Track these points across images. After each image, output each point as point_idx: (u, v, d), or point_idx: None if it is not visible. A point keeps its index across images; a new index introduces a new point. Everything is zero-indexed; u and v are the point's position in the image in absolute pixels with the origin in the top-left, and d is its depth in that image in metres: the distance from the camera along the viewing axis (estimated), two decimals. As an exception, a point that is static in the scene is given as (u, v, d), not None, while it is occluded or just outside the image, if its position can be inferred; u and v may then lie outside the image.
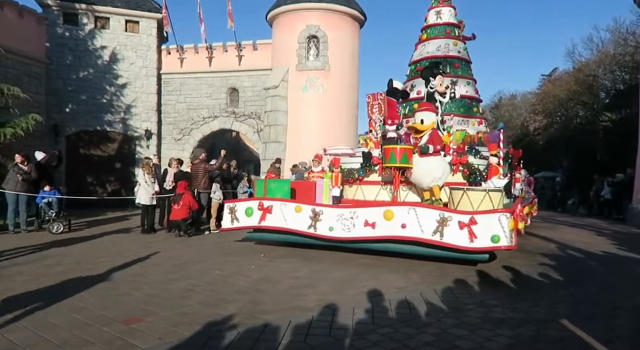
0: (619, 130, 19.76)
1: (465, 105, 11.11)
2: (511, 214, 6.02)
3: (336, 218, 7.05)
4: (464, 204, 6.55)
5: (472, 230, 5.94)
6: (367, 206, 7.15)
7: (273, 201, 7.64)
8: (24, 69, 16.43)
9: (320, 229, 7.15)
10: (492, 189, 6.69)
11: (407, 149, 7.43)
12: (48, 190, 10.23)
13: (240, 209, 7.89)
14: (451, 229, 6.08)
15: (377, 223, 6.65)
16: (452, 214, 6.19)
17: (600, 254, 8.03)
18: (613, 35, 23.89)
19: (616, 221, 14.12)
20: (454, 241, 6.05)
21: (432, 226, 6.22)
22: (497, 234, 5.84)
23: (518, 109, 35.11)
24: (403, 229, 6.43)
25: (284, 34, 18.11)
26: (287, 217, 7.43)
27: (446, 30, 11.60)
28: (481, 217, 5.97)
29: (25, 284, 5.33)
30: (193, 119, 19.65)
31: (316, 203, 7.56)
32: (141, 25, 19.01)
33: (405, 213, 6.46)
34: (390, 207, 6.70)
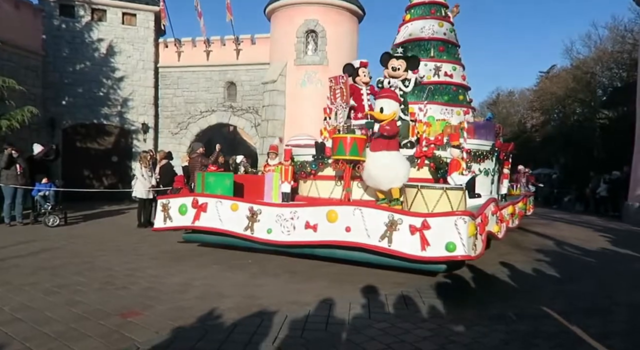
0: (616, 127, 19.81)
1: (449, 93, 10.05)
2: (471, 217, 5.13)
3: (275, 218, 6.16)
4: (417, 204, 5.56)
5: (425, 236, 5.09)
6: (309, 205, 6.24)
7: (208, 198, 6.75)
8: (21, 61, 16.30)
9: (257, 231, 6.27)
10: (450, 187, 5.64)
11: (358, 138, 6.39)
12: (44, 183, 10.19)
13: (173, 206, 7.01)
14: (401, 233, 5.24)
15: (320, 225, 5.76)
16: (402, 216, 5.29)
17: (596, 250, 8.07)
18: (611, 32, 23.93)
19: (612, 218, 14.19)
20: (404, 248, 5.19)
21: (379, 230, 5.36)
22: (452, 241, 4.97)
23: (516, 106, 35.16)
24: (347, 233, 5.54)
25: (283, 28, 18.02)
26: (223, 216, 6.56)
27: (431, 9, 10.51)
28: (435, 220, 5.11)
29: (21, 277, 5.31)
30: (190, 113, 19.58)
31: (255, 201, 6.63)
32: (138, 18, 18.87)
33: (350, 214, 5.57)
34: (334, 206, 5.79)
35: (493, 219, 6.49)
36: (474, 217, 5.23)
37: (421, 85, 9.61)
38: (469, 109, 10.37)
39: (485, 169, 8.45)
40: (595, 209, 16.58)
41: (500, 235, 6.88)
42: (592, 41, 25.31)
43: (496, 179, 9.00)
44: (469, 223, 5.05)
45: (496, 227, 6.61)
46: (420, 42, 10.18)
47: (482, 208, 5.95)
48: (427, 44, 10.16)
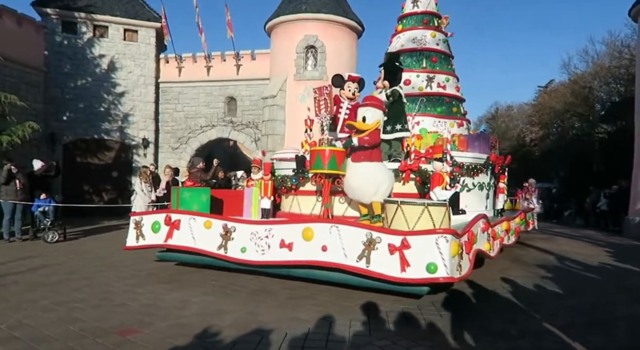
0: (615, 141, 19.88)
1: (443, 104, 9.82)
2: (454, 235, 4.81)
3: (250, 237, 5.81)
4: (398, 221, 5.19)
5: (404, 256, 4.75)
6: (284, 222, 5.91)
7: (181, 214, 6.41)
8: (22, 77, 16.44)
9: (231, 250, 5.91)
10: (432, 203, 5.27)
11: (337, 151, 5.96)
12: (44, 198, 10.19)
13: (146, 223, 6.64)
14: (380, 253, 4.89)
15: (295, 244, 5.41)
16: (381, 235, 4.95)
17: (597, 265, 8.03)
18: (608, 47, 24.18)
19: (613, 233, 14.14)
20: (383, 269, 4.84)
21: (357, 249, 5.01)
22: (433, 261, 4.63)
23: (514, 120, 35.33)
24: (323, 253, 5.19)
25: (282, 43, 18.22)
26: (196, 234, 6.22)
27: (423, 20, 10.32)
28: (415, 239, 4.78)
29: (19, 294, 5.28)
30: (191, 128, 19.67)
31: (229, 218, 6.32)
32: (140, 34, 19.09)
33: (327, 232, 5.22)
34: (310, 224, 5.45)
35: (483, 237, 6.19)
36: (458, 236, 4.93)
37: (413, 97, 9.47)
38: (463, 121, 10.14)
39: (479, 183, 8.25)
40: (596, 223, 16.54)
41: (493, 254, 6.56)
42: (590, 56, 25.58)
43: (492, 193, 8.80)
44: (452, 242, 4.73)
45: (487, 245, 6.26)
46: (412, 53, 10.02)
47: (469, 225, 5.62)
48: (419, 54, 10.00)
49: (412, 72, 9.82)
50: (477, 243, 5.78)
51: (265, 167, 7.29)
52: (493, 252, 6.56)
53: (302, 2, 17.90)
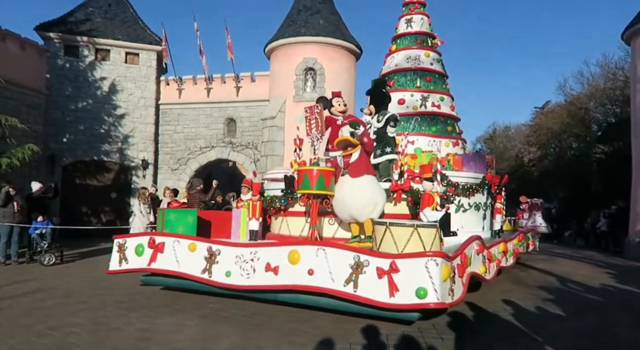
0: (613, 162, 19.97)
1: (437, 124, 9.73)
2: (445, 258, 4.63)
3: (235, 260, 5.60)
4: (386, 243, 5.01)
5: (393, 280, 4.54)
6: (270, 245, 5.71)
7: (165, 237, 6.22)
8: (24, 99, 16.58)
9: (215, 274, 5.69)
10: (422, 224, 5.10)
11: (325, 171, 5.74)
12: (41, 220, 10.14)
13: (130, 246, 6.41)
14: (368, 277, 4.68)
15: (281, 267, 5.21)
16: (369, 258, 4.75)
17: (599, 287, 7.96)
18: (603, 70, 24.51)
19: (613, 254, 14.06)
20: (371, 294, 4.62)
21: (344, 273, 4.81)
22: (423, 286, 4.42)
23: (512, 141, 35.52)
24: (310, 277, 4.97)
25: (282, 66, 18.46)
26: (180, 257, 5.99)
27: (417, 40, 10.37)
28: (404, 262, 4.58)
29: (14, 318, 5.20)
30: (190, 149, 19.74)
31: (214, 240, 6.14)
32: (141, 57, 19.36)
33: (313, 255, 5.01)
34: (296, 246, 5.24)
35: (478, 259, 6.03)
36: (449, 259, 4.75)
37: (408, 116, 9.43)
38: (459, 140, 10.05)
39: (476, 203, 8.13)
40: (596, 243, 16.47)
41: (489, 277, 6.35)
42: (585, 78, 25.90)
43: (489, 213, 8.70)
44: (442, 265, 4.53)
45: (482, 268, 6.07)
46: (406, 73, 10.05)
47: (462, 247, 5.42)
48: (413, 74, 9.99)
49: (406, 92, 9.85)
50: (471, 266, 5.61)
51: (253, 187, 7.07)
52: (489, 275, 6.35)
53: (301, 25, 18.22)
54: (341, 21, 19.47)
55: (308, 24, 18.19)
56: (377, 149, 6.79)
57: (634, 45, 14.61)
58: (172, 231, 6.42)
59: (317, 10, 18.65)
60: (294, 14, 18.94)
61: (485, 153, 13.34)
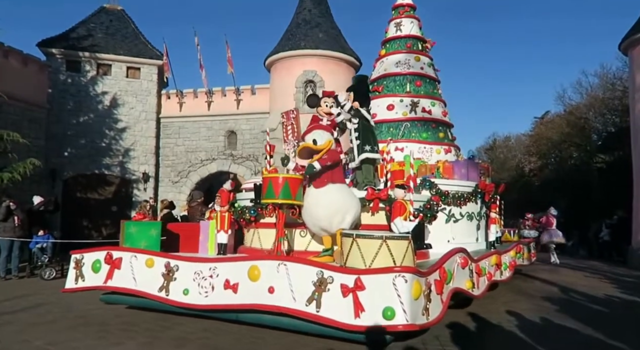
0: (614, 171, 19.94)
1: (428, 130, 9.33)
2: (416, 274, 4.21)
3: (193, 277, 5.18)
4: (353, 257, 4.52)
5: (358, 299, 4.10)
6: (229, 260, 5.26)
7: (123, 252, 5.82)
8: (25, 114, 16.68)
9: (173, 292, 5.27)
10: (392, 236, 4.59)
11: (291, 178, 5.34)
12: (42, 235, 10.11)
13: (87, 262, 6.00)
14: (331, 295, 4.24)
15: (240, 285, 4.78)
16: (333, 274, 4.32)
17: (603, 297, 7.89)
18: (601, 80, 24.62)
19: (617, 263, 13.97)
20: (334, 315, 4.17)
21: (307, 291, 4.37)
22: (390, 306, 3.99)
23: (513, 151, 35.51)
24: (270, 295, 4.53)
25: (282, 78, 18.58)
26: (137, 274, 5.57)
27: (407, 43, 10.05)
28: (369, 278, 4.14)
29: (13, 334, 5.15)
30: (191, 162, 19.79)
31: (172, 255, 5.70)
32: (142, 71, 19.52)
33: (274, 271, 4.59)
34: (256, 261, 4.83)
35: (463, 274, 5.59)
36: (422, 274, 4.34)
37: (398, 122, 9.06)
38: (452, 147, 9.60)
39: (468, 213, 7.77)
40: (599, 253, 16.37)
41: (477, 293, 5.91)
42: (584, 88, 26.00)
43: (483, 224, 8.31)
44: (413, 282, 4.09)
45: (468, 283, 5.63)
46: (396, 77, 9.69)
47: (440, 261, 5.01)
48: (403, 79, 9.65)
49: (395, 97, 9.56)
50: (452, 281, 5.19)
51: (222, 197, 6.56)
52: (477, 290, 5.92)
53: (301, 38, 18.40)
54: (340, 34, 19.66)
55: (308, 37, 18.37)
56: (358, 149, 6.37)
57: (631, 55, 14.71)
58: (133, 245, 5.98)
59: (316, 24, 18.85)
60: (294, 27, 19.14)
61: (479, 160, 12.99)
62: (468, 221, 7.83)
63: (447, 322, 5.68)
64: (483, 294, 6.15)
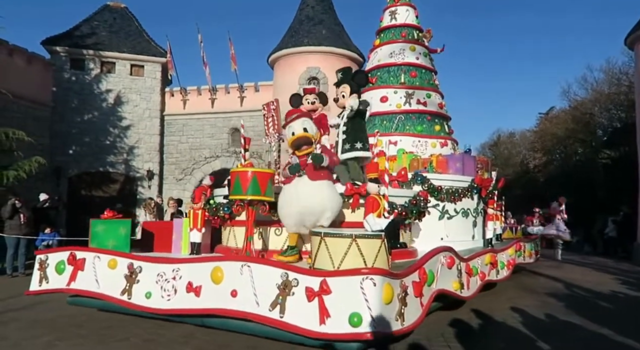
0: (619, 167, 19.84)
1: (423, 123, 8.88)
2: (387, 276, 3.87)
3: (156, 279, 4.83)
4: (321, 258, 4.17)
5: (324, 304, 3.77)
6: (191, 261, 4.85)
7: (86, 252, 5.49)
8: (30, 112, 16.76)
9: (135, 296, 4.92)
10: (363, 234, 4.18)
11: (260, 173, 4.95)
12: (48, 232, 10.18)
13: (52, 262, 5.66)
14: (296, 300, 3.91)
15: (203, 288, 4.44)
16: (298, 276, 3.98)
17: (608, 293, 7.86)
18: (606, 75, 24.47)
19: (622, 259, 13.92)
20: (298, 321, 3.85)
21: (271, 295, 4.03)
22: (357, 311, 3.66)
23: (517, 147, 35.39)
24: (233, 299, 4.20)
25: (285, 75, 18.57)
26: (100, 276, 5.24)
27: (402, 32, 9.53)
28: (335, 281, 3.80)
29: (20, 331, 5.20)
30: (195, 159, 19.84)
31: (135, 255, 5.32)
32: (146, 69, 19.55)
33: (237, 272, 4.25)
34: (219, 262, 4.48)
35: (450, 274, 5.27)
36: (394, 276, 3.98)
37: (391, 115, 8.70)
38: (448, 141, 9.16)
39: (463, 209, 7.49)
40: (604, 250, 16.32)
41: (467, 294, 5.62)
42: (589, 83, 25.83)
43: (480, 220, 8.00)
44: (383, 285, 3.75)
45: (455, 284, 5.32)
46: (390, 68, 9.23)
47: (419, 262, 4.67)
48: (397, 69, 9.18)
49: (389, 88, 9.13)
50: (435, 283, 4.86)
51: (195, 193, 6.19)
52: (467, 291, 5.62)
53: (304, 35, 18.37)
54: (343, 30, 19.61)
55: (311, 34, 18.33)
56: (346, 143, 5.91)
57: (637, 50, 14.59)
58: (100, 245, 5.63)
59: (319, 21, 18.82)
60: (297, 24, 19.11)
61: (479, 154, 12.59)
62: (463, 218, 7.56)
63: (451, 319, 5.70)
64: (474, 295, 5.90)
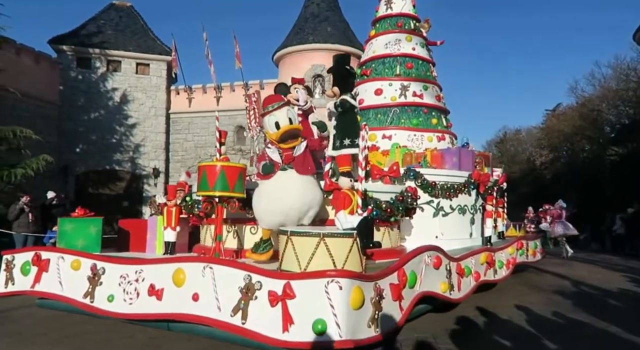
0: (627, 164, 19.68)
1: (419, 116, 8.48)
2: (356, 278, 3.53)
3: (119, 281, 4.58)
4: (288, 259, 3.94)
5: (288, 309, 3.47)
6: (154, 262, 4.57)
7: (51, 253, 5.26)
8: (37, 111, 16.89)
9: (98, 299, 4.68)
10: (332, 233, 3.87)
11: (229, 167, 4.67)
12: (56, 230, 10.23)
13: (18, 263, 5.45)
14: (259, 304, 3.62)
15: (165, 291, 4.18)
16: (262, 278, 3.68)
17: (616, 291, 7.80)
18: (615, 71, 24.22)
19: (630, 257, 13.82)
20: (261, 328, 3.55)
21: (233, 299, 3.74)
22: (321, 317, 3.35)
23: (523, 144, 35.18)
24: (194, 303, 3.94)
25: (290, 73, 18.47)
26: (64, 277, 5.01)
27: (398, 22, 9.11)
28: (300, 284, 3.51)
29: (31, 327, 5.25)
30: (200, 157, 19.92)
31: (99, 256, 5.06)
32: (151, 67, 19.63)
33: (199, 274, 3.98)
34: (182, 263, 4.21)
35: (437, 275, 4.94)
36: (367, 279, 3.67)
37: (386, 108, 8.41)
38: (445, 135, 8.76)
39: (460, 206, 7.18)
40: (612, 247, 16.21)
41: (457, 296, 5.29)
42: (596, 80, 25.58)
43: (479, 218, 7.64)
44: (352, 288, 3.43)
45: (443, 286, 4.99)
46: (385, 59, 8.85)
47: (400, 262, 4.28)
48: (393, 61, 8.81)
49: (384, 80, 8.77)
50: (419, 284, 4.54)
51: (169, 190, 5.85)
52: (457, 293, 5.31)
53: (309, 33, 18.35)
54: (348, 28, 19.57)
55: (316, 32, 18.31)
56: (335, 140, 5.74)
57: (645, 45, 14.45)
58: (69, 245, 5.34)
59: (324, 18, 18.79)
60: (302, 21, 19.10)
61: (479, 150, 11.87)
62: (460, 215, 7.24)
63: (456, 316, 5.69)
64: (464, 298, 5.56)
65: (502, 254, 7.06)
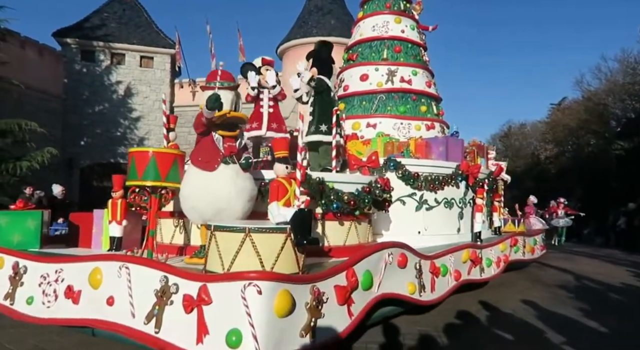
0: (633, 159, 19.56)
1: (407, 103, 7.97)
2: (282, 281, 3.03)
3: (39, 281, 4.11)
4: (212, 257, 3.39)
5: (203, 316, 3.01)
6: (74, 260, 4.06)
7: None
8: (42, 104, 16.94)
9: (18, 301, 4.21)
10: (261, 228, 3.29)
11: (161, 153, 4.11)
12: (61, 222, 10.33)
13: None
14: (174, 310, 3.16)
15: (83, 293, 3.74)
16: (178, 280, 3.22)
17: (620, 286, 7.79)
18: (621, 65, 24.01)
19: (634, 252, 13.78)
20: (174, 338, 3.10)
21: (147, 304, 3.29)
22: (236, 327, 2.88)
23: (528, 138, 34.99)
24: (109, 308, 3.49)
25: (294, 66, 18.50)
26: None
27: (386, 3, 8.60)
28: (216, 288, 3.03)
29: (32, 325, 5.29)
30: (204, 151, 19.97)
31: (22, 253, 4.53)
32: (155, 60, 19.62)
33: (115, 275, 3.53)
34: (99, 262, 3.74)
35: (402, 274, 4.43)
36: (298, 281, 3.17)
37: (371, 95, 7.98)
38: (435, 123, 8.20)
39: (446, 199, 6.65)
40: (617, 242, 16.18)
41: (429, 298, 4.80)
42: (603, 73, 25.37)
43: (468, 212, 7.09)
44: (276, 293, 2.94)
45: (410, 287, 4.49)
46: (372, 43, 8.39)
47: (349, 261, 3.76)
48: (380, 44, 8.34)
49: (370, 65, 8.28)
50: (378, 286, 4.04)
51: (114, 180, 5.25)
52: (429, 294, 4.82)
53: (313, 26, 18.28)
54: (352, 20, 19.46)
55: (320, 25, 18.24)
56: (311, 125, 5.32)
57: (653, 39, 14.26)
58: (3, 241, 4.91)
59: (328, 11, 18.70)
60: (306, 14, 19.01)
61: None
62: (446, 209, 6.69)
63: (459, 310, 5.70)
64: (441, 299, 5.09)
65: (491, 251, 6.52)
